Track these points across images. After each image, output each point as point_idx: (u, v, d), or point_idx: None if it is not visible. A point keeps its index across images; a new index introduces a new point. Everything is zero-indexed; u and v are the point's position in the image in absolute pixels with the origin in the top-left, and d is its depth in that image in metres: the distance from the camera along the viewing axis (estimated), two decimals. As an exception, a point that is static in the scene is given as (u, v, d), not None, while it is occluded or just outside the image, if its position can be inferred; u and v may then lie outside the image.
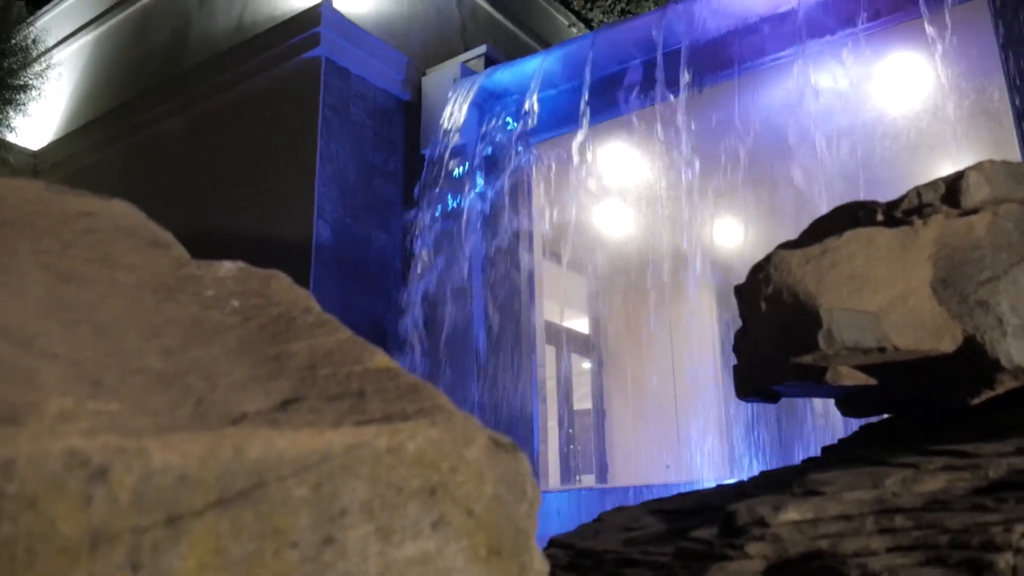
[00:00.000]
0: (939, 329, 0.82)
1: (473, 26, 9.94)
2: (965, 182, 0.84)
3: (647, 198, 7.57)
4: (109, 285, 0.65)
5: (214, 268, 0.74)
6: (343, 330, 0.70)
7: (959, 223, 0.84)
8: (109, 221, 0.73)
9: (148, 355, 0.57)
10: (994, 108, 6.27)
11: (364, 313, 7.31)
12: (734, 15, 6.50)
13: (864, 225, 0.86)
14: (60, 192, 0.74)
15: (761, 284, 0.87)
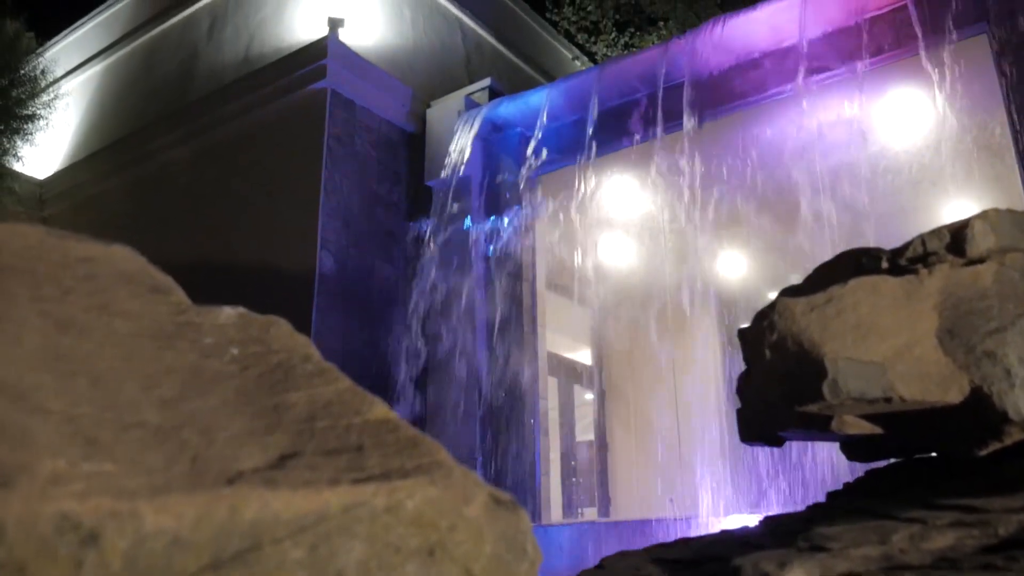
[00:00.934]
0: (945, 380, 0.81)
1: (478, 59, 10.04)
2: (970, 231, 0.84)
3: (650, 230, 7.58)
4: (108, 333, 0.64)
5: (213, 314, 0.74)
6: (342, 379, 0.69)
7: (965, 273, 0.83)
8: (109, 267, 0.72)
9: (145, 407, 0.56)
10: (996, 144, 6.29)
11: (366, 343, 7.30)
12: (736, 50, 6.56)
13: (869, 273, 0.86)
14: (62, 237, 0.73)
15: (765, 332, 0.86)
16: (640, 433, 9.70)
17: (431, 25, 9.38)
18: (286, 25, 8.40)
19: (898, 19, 6.02)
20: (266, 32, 8.57)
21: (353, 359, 7.13)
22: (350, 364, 7.08)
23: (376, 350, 7.37)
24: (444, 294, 7.35)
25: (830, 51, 6.26)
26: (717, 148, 6.71)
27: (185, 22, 9.73)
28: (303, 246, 7.13)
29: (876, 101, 6.27)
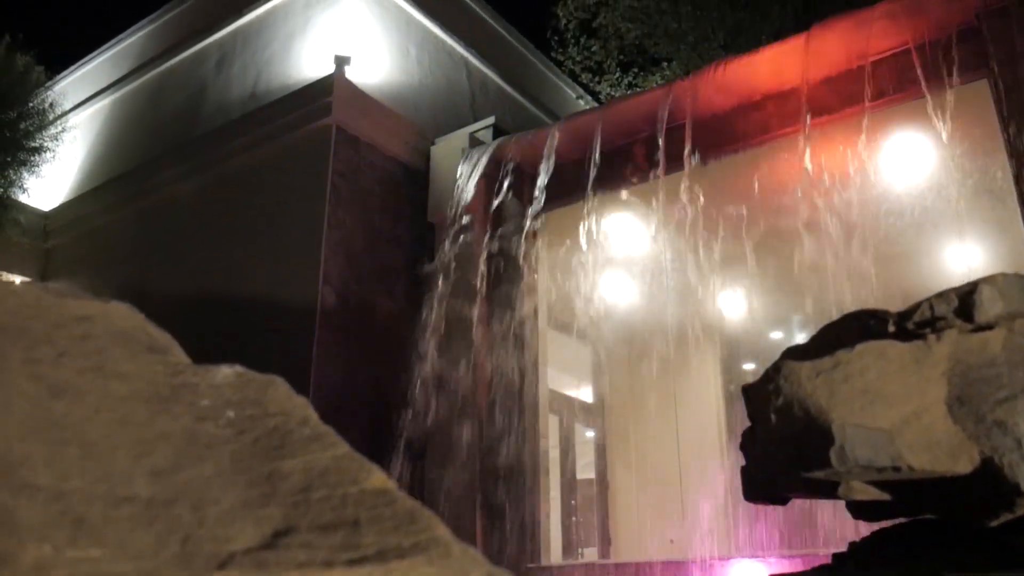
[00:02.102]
0: (955, 449, 0.80)
1: (482, 97, 10.14)
2: (978, 296, 0.83)
3: (652, 269, 7.59)
4: (102, 397, 0.63)
5: (211, 375, 0.73)
6: (339, 444, 0.68)
7: (973, 339, 0.82)
8: (106, 326, 0.71)
9: (137, 479, 0.55)
10: (997, 187, 6.31)
11: (367, 377, 7.27)
12: (739, 92, 6.62)
13: (875, 336, 0.85)
14: (59, 295, 0.72)
15: (771, 395, 0.85)
16: (641, 472, 9.61)
17: (437, 63, 9.49)
18: (293, 62, 8.50)
19: (900, 63, 6.08)
20: (273, 68, 8.67)
21: (353, 393, 7.10)
22: (350, 398, 7.05)
23: (377, 385, 7.33)
24: (445, 330, 7.33)
25: (832, 94, 6.32)
26: (719, 188, 6.74)
27: (194, 57, 9.85)
28: (306, 281, 7.14)
29: (878, 143, 6.31)
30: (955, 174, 5.88)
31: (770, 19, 10.82)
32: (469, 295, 7.28)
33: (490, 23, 10.94)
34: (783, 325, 9.24)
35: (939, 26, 5.91)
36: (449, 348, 7.26)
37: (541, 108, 11.32)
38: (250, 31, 9.23)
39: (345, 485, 0.62)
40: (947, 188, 5.96)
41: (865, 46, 6.16)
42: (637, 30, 11.54)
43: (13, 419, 0.55)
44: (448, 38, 9.76)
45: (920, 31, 5.94)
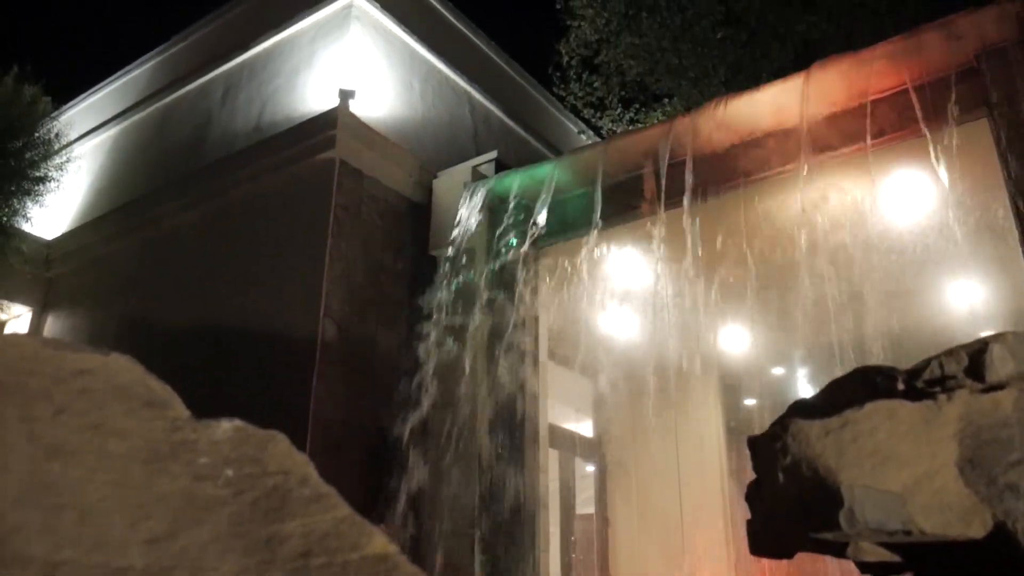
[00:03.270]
0: (967, 513, 0.78)
1: (485, 131, 10.21)
2: (988, 356, 0.82)
3: (654, 304, 7.58)
4: (99, 456, 0.62)
5: (210, 430, 0.71)
6: (340, 506, 0.66)
7: (984, 400, 0.81)
8: (105, 380, 0.70)
9: (132, 548, 0.53)
10: (999, 226, 6.32)
11: (367, 412, 7.23)
12: (739, 129, 6.65)
13: (884, 394, 0.84)
14: (58, 348, 0.72)
15: (779, 454, 0.83)
16: (641, 508, 9.54)
17: (440, 98, 9.57)
18: (298, 95, 8.57)
19: (900, 102, 6.12)
20: (278, 101, 8.75)
21: (353, 426, 7.05)
22: (350, 431, 7.00)
23: (376, 418, 7.29)
24: (446, 363, 7.30)
25: (833, 131, 6.35)
26: (720, 224, 6.75)
27: (200, 90, 9.94)
28: (306, 313, 7.13)
29: (879, 181, 6.33)
30: (956, 212, 5.89)
31: (770, 57, 10.94)
32: (469, 328, 7.27)
33: (493, 58, 11.06)
34: (784, 361, 9.21)
35: (938, 66, 5.96)
36: (449, 381, 7.23)
37: (543, 142, 11.40)
38: (256, 64, 9.32)
39: (346, 551, 0.60)
40: (948, 226, 5.97)
41: (864, 85, 6.21)
42: (638, 67, 11.66)
43: (9, 483, 0.54)
44: (452, 73, 9.85)
45: (919, 71, 5.99)
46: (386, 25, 8.98)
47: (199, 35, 10.48)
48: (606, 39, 11.74)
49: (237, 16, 10.05)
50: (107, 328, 9.06)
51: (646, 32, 11.32)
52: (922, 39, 5.93)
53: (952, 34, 5.84)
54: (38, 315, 10.05)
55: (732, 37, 11.12)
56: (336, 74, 8.28)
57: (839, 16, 10.51)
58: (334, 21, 8.69)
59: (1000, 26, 5.73)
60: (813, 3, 10.63)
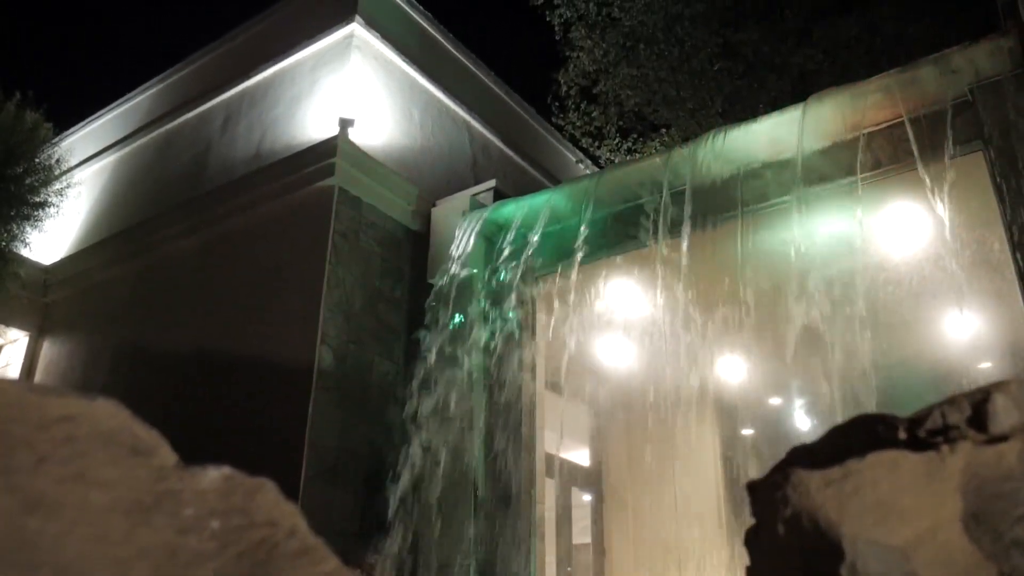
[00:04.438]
0: (972, 570, 0.76)
1: (484, 160, 10.26)
2: (992, 406, 0.80)
3: (650, 333, 7.56)
4: (80, 509, 0.60)
5: (196, 479, 0.70)
6: (328, 559, 0.65)
7: (988, 452, 0.80)
8: (90, 427, 0.69)
9: (111, 609, 0.52)
10: (995, 259, 6.34)
11: (363, 439, 7.18)
12: (737, 160, 6.69)
13: (885, 442, 0.82)
14: (43, 393, 0.70)
15: (779, 505, 0.82)
16: (638, 538, 9.46)
17: (439, 126, 9.63)
18: (298, 123, 8.62)
19: (895, 135, 6.16)
20: (279, 129, 8.79)
21: (348, 456, 7.01)
22: (345, 459, 6.95)
23: (372, 447, 7.25)
24: (442, 392, 7.27)
25: (829, 163, 6.39)
26: (717, 254, 6.76)
27: (200, 117, 9.99)
28: (304, 340, 7.11)
29: (876, 213, 6.35)
30: (952, 244, 5.90)
31: (767, 88, 11.03)
32: (465, 356, 7.24)
33: (492, 88, 11.14)
34: (782, 392, 9.19)
35: (933, 99, 6.01)
36: (445, 410, 7.20)
37: (541, 171, 11.45)
38: (257, 92, 9.38)
39: (332, 609, 0.59)
40: (944, 258, 5.98)
41: (860, 117, 6.26)
42: (636, 97, 11.76)
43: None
44: (451, 102, 9.92)
45: (914, 104, 6.03)
46: (386, 55, 9.05)
47: (200, 63, 10.56)
48: (604, 70, 11.85)
49: (239, 45, 10.13)
50: (103, 354, 9.02)
51: (644, 63, 11.42)
52: (917, 73, 5.98)
53: (947, 68, 5.90)
54: (35, 340, 10.02)
55: (729, 69, 11.23)
56: (336, 103, 8.33)
57: (835, 50, 10.62)
58: (335, 51, 8.76)
59: (994, 60, 5.78)
60: (809, 36, 10.75)
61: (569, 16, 11.76)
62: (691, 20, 11.06)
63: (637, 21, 11.33)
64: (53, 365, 9.60)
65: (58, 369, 9.49)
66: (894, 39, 10.35)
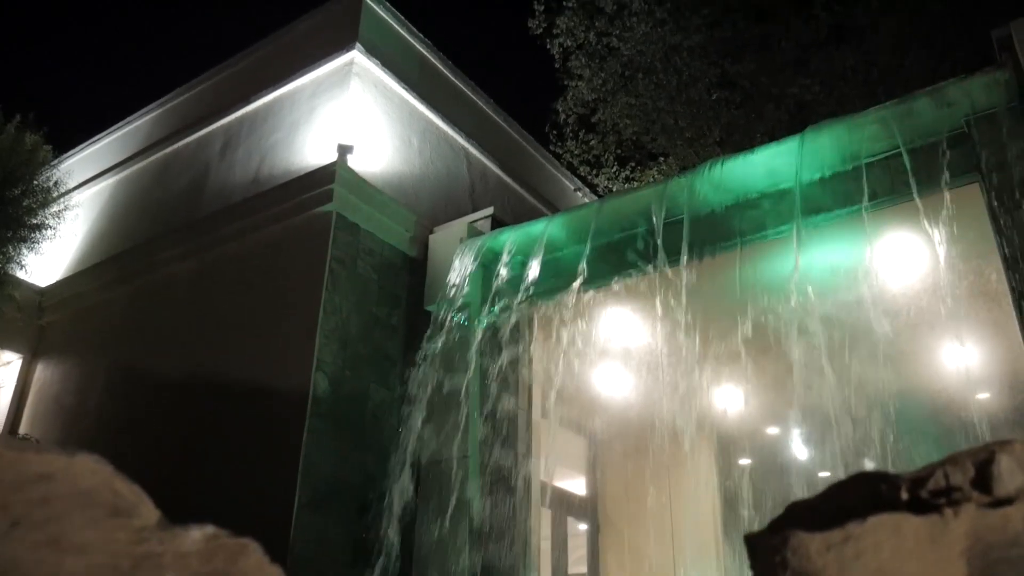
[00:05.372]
0: (978, 639, 0.74)
1: (482, 187, 10.28)
2: (996, 467, 0.78)
3: (648, 363, 7.54)
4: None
5: (178, 540, 0.67)
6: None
7: (993, 515, 0.78)
8: (68, 486, 0.67)
9: None
10: (992, 290, 6.34)
11: (357, 468, 7.12)
12: (734, 190, 6.71)
13: (887, 503, 0.80)
14: (21, 450, 0.68)
15: (777, 568, 0.79)
16: (635, 567, 9.36)
17: (438, 153, 9.66)
18: (297, 149, 8.64)
19: (892, 166, 6.18)
20: (277, 154, 8.81)
21: (342, 484, 6.94)
22: (338, 488, 6.89)
23: (367, 475, 7.18)
24: (437, 420, 7.22)
25: (826, 194, 6.40)
26: (715, 284, 6.75)
27: (199, 141, 10.01)
28: (299, 367, 7.06)
29: (873, 243, 6.35)
30: (949, 275, 5.90)
31: (764, 118, 11.10)
32: (461, 384, 7.20)
33: (491, 116, 11.19)
34: (780, 422, 9.14)
35: (929, 131, 6.04)
36: (440, 438, 7.14)
37: (539, 199, 11.47)
38: (256, 118, 9.41)
39: None
40: (942, 289, 5.97)
41: (857, 149, 6.28)
42: (634, 126, 11.83)
43: (-50, 617, 0.50)
44: (450, 129, 9.96)
45: (911, 135, 6.06)
46: (386, 82, 9.10)
47: (201, 88, 10.61)
48: (603, 98, 11.93)
49: (239, 70, 10.19)
50: (97, 377, 8.96)
51: (642, 92, 11.50)
52: (913, 105, 6.02)
53: (943, 100, 5.94)
54: (28, 362, 9.96)
55: (727, 99, 11.31)
56: (335, 129, 8.36)
57: (831, 80, 10.70)
58: (335, 78, 8.81)
59: (990, 93, 5.83)
60: (806, 68, 10.84)
61: (568, 45, 11.86)
62: (689, 51, 11.15)
63: (636, 51, 11.42)
64: (46, 388, 9.53)
65: (51, 392, 9.43)
66: (890, 70, 10.44)
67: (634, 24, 11.32)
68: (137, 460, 7.82)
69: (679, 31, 11.12)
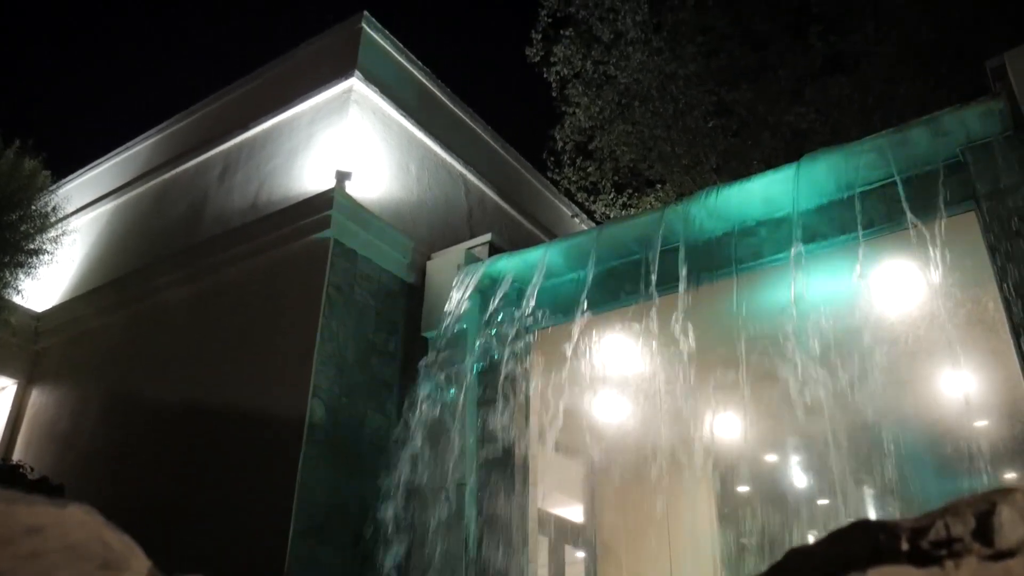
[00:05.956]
0: None
1: (480, 213, 10.31)
2: (997, 518, 0.77)
3: (645, 390, 7.51)
4: (41, 637, 0.57)
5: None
6: None
7: (995, 568, 0.77)
8: (58, 539, 0.66)
9: None
10: (990, 318, 6.33)
11: (353, 495, 7.07)
12: (731, 218, 6.72)
13: (887, 552, 0.79)
14: (10, 502, 0.67)
15: (777, 621, 0.78)
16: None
17: (436, 180, 9.69)
18: (295, 175, 8.66)
19: (888, 194, 6.21)
20: (276, 180, 8.83)
21: (337, 511, 6.89)
22: (333, 516, 6.83)
23: (362, 503, 7.12)
24: (434, 446, 7.18)
25: (823, 222, 6.42)
26: (712, 311, 6.75)
27: (198, 167, 10.04)
28: (295, 393, 7.04)
29: (871, 272, 6.36)
30: (946, 303, 5.90)
31: (761, 145, 11.17)
32: (458, 411, 7.17)
33: (489, 142, 11.25)
34: (779, 450, 9.11)
35: (925, 160, 6.07)
36: (437, 465, 7.10)
37: (537, 226, 11.50)
38: (255, 144, 9.45)
39: None
40: (939, 317, 5.97)
41: (853, 177, 6.31)
42: (631, 153, 11.90)
43: None
44: (448, 156, 10.00)
45: (906, 164, 6.09)
46: (384, 109, 9.15)
47: (200, 114, 10.66)
48: (600, 126, 12.00)
49: (238, 97, 10.24)
50: (92, 402, 8.92)
51: (639, 120, 11.58)
52: (909, 134, 6.06)
53: (938, 130, 5.97)
54: (23, 388, 9.91)
55: (723, 126, 11.39)
56: (334, 155, 8.39)
57: (827, 108, 10.78)
58: (333, 104, 8.86)
59: (984, 122, 5.86)
60: (801, 96, 10.93)
61: (566, 73, 11.96)
62: (685, 79, 11.24)
63: (632, 79, 11.52)
64: (41, 414, 9.48)
65: (46, 418, 9.37)
66: (885, 99, 10.53)
67: (630, 53, 11.43)
68: (132, 486, 7.76)
69: (675, 60, 11.22)
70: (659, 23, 11.39)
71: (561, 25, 11.91)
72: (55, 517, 0.69)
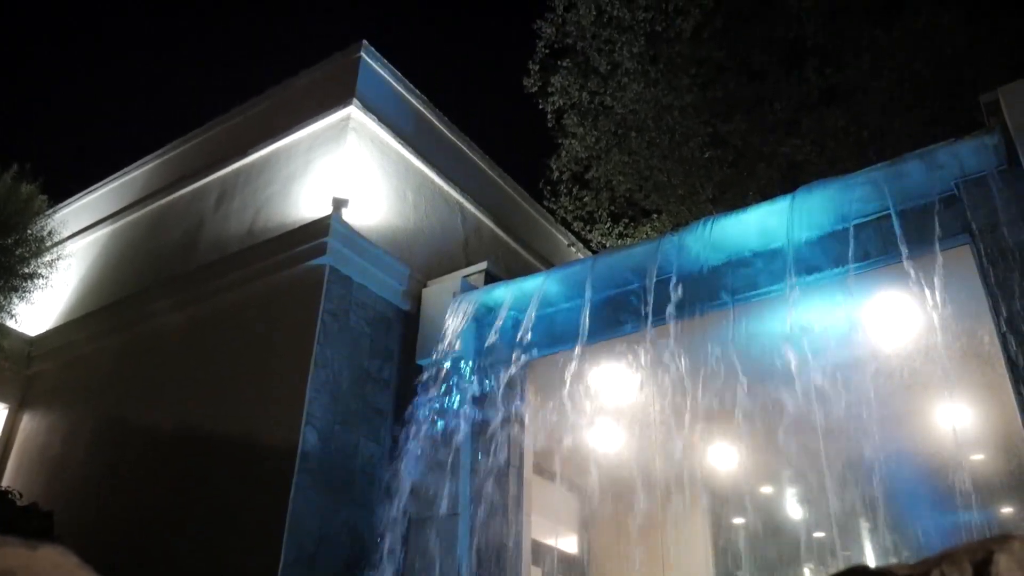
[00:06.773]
0: None
1: (476, 241, 10.32)
2: (995, 568, 0.76)
3: (640, 420, 7.48)
4: None
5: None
6: None
7: (994, 619, 0.75)
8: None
9: None
10: (985, 352, 6.32)
11: (345, 524, 6.99)
12: (727, 249, 6.73)
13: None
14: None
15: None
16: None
17: (432, 207, 9.71)
18: (292, 201, 8.67)
19: (883, 227, 6.22)
20: (272, 207, 8.84)
21: (329, 542, 6.80)
22: (325, 546, 6.75)
23: (355, 533, 7.05)
24: (428, 476, 7.12)
25: (818, 253, 6.43)
26: (708, 341, 6.73)
27: (194, 193, 10.05)
28: (288, 420, 6.98)
29: (866, 304, 6.36)
30: (942, 337, 5.89)
31: (756, 176, 11.22)
32: (453, 440, 7.12)
33: (486, 171, 11.30)
34: (774, 481, 9.05)
35: (920, 193, 6.10)
36: (431, 494, 7.03)
37: (533, 254, 11.52)
38: (252, 170, 9.47)
39: None
40: (935, 351, 5.95)
41: (848, 209, 6.33)
42: (628, 183, 11.95)
43: None
44: (445, 184, 10.03)
45: (901, 197, 6.12)
46: (382, 137, 9.19)
47: (197, 140, 10.70)
48: (596, 156, 12.06)
49: (236, 124, 10.29)
50: (84, 427, 8.85)
51: (635, 150, 11.64)
52: (904, 167, 6.09)
53: (933, 163, 6.01)
54: (14, 412, 9.83)
55: (719, 157, 11.45)
56: (331, 183, 8.41)
57: (822, 140, 10.85)
58: (331, 132, 8.89)
59: (979, 156, 5.90)
60: (797, 127, 11.00)
61: (562, 104, 12.04)
62: (681, 110, 11.32)
63: (628, 110, 11.59)
64: (32, 438, 9.39)
65: (37, 442, 9.29)
66: (880, 132, 10.60)
67: (627, 84, 11.52)
68: (122, 512, 7.68)
69: (671, 91, 11.31)
70: (655, 55, 11.49)
71: (558, 56, 12.02)
72: (27, 559, 0.67)
